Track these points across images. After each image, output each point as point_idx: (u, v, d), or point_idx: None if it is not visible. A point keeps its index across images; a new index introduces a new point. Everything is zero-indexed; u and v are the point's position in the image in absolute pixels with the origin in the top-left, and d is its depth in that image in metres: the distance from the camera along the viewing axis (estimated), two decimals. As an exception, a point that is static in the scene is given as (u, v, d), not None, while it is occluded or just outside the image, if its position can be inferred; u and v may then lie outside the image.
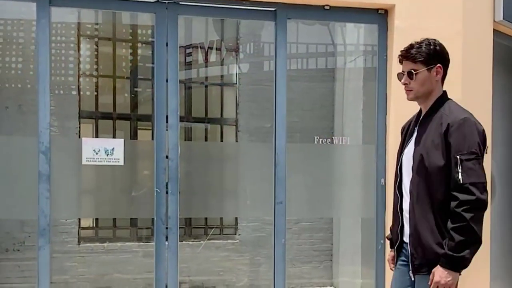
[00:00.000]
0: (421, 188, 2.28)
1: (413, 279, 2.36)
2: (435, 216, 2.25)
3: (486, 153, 2.39)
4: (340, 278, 5.57)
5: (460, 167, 2.16)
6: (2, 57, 5.01)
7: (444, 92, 2.44)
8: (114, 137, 5.39)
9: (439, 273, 2.20)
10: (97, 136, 5.38)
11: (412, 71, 2.35)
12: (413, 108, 3.52)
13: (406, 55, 2.38)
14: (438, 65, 2.37)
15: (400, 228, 2.45)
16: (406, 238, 2.41)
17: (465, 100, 3.47)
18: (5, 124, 4.88)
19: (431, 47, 2.36)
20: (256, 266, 5.65)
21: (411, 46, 2.38)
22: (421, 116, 2.44)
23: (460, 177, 2.16)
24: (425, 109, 2.42)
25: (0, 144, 3.70)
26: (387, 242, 3.61)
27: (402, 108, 3.55)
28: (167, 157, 3.43)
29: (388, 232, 2.75)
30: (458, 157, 2.18)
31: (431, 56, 2.35)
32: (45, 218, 3.30)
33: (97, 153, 3.44)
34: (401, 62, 2.44)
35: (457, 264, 2.18)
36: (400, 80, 2.43)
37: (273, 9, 3.47)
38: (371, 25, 3.74)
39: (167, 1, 3.37)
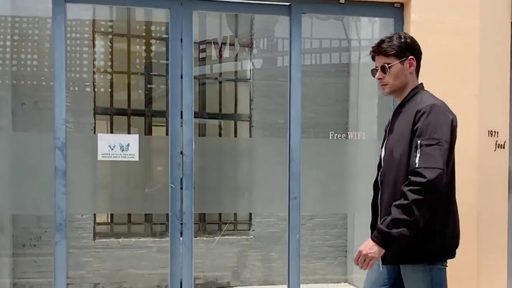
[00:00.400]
0: (389, 177, 2.27)
1: (381, 269, 2.34)
2: None
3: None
4: (355, 275, 5.55)
5: (419, 152, 2.12)
6: (18, 54, 5.06)
7: (420, 84, 2.42)
8: (128, 133, 5.42)
9: (365, 243, 2.19)
10: (111, 132, 5.41)
11: (385, 65, 2.33)
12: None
13: (378, 49, 2.36)
14: (411, 57, 2.35)
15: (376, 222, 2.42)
16: None
17: (483, 94, 3.44)
18: (22, 121, 4.94)
19: (402, 40, 2.35)
20: (270, 262, 5.65)
21: (382, 41, 2.36)
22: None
23: (417, 161, 2.11)
24: (399, 102, 2.41)
25: (17, 140, 3.74)
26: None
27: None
28: (181, 153, 3.44)
29: None
30: (418, 141, 2.14)
31: (402, 49, 2.33)
32: (61, 213, 3.32)
33: (112, 149, 3.46)
34: (373, 58, 2.41)
35: (383, 238, 2.13)
36: (374, 76, 2.40)
37: (288, 3, 3.44)
38: (386, 19, 3.71)
39: (181, -3, 3.38)
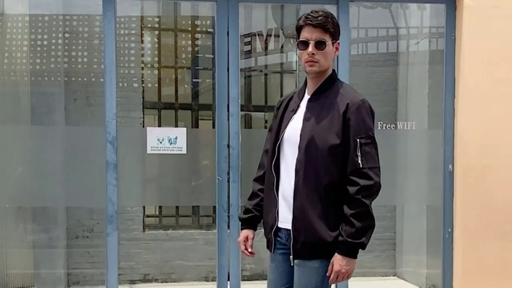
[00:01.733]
0: (309, 167, 2.11)
1: (292, 264, 2.18)
2: (322, 198, 2.10)
3: None
4: (404, 268, 5.44)
5: (359, 151, 2.05)
6: (69, 51, 5.19)
7: (334, 70, 2.26)
8: (176, 127, 5.48)
9: (339, 262, 2.06)
10: (159, 126, 5.49)
11: (324, 41, 2.11)
12: (483, 88, 3.39)
13: (317, 22, 2.10)
14: (338, 41, 2.19)
15: (277, 211, 2.21)
16: (283, 223, 2.19)
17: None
18: (74, 116, 5.07)
19: (335, 20, 2.16)
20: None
21: (317, 14, 2.12)
22: (312, 92, 2.21)
23: (359, 161, 2.05)
24: (315, 86, 2.20)
25: (70, 135, 3.86)
26: (455, 230, 3.52)
27: (472, 90, 3.43)
28: (228, 145, 3.46)
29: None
30: (358, 140, 2.06)
31: (336, 30, 2.16)
32: (113, 205, 3.41)
33: (161, 142, 3.52)
34: (300, 29, 2.16)
35: (356, 250, 2.08)
36: (302, 49, 2.14)
37: (335, -8, 3.40)
38: (437, 5, 3.61)
39: (228, -11, 3.38)
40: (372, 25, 5.36)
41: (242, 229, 2.36)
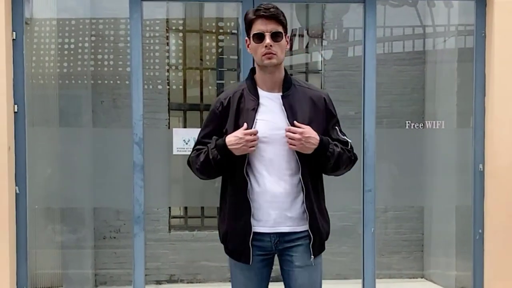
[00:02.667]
0: (311, 165, 2.09)
1: (313, 264, 2.16)
2: (321, 193, 2.18)
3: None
4: (432, 270, 5.36)
5: (341, 135, 2.19)
6: (95, 55, 5.25)
7: None
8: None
9: (315, 135, 2.05)
10: (184, 127, 5.52)
11: (281, 32, 2.07)
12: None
13: (270, 13, 2.04)
14: (288, 35, 2.14)
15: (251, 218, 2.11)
16: (273, 227, 2.12)
17: None
18: (101, 118, 5.13)
19: (283, 13, 2.12)
20: (343, 255, 5.55)
21: (268, 6, 2.07)
22: (273, 87, 2.13)
23: (347, 140, 2.20)
24: (274, 80, 2.12)
25: (97, 136, 3.91)
26: (486, 231, 3.45)
27: (503, 88, 3.36)
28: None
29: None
30: (336, 128, 2.18)
31: (286, 22, 2.11)
32: (140, 206, 3.42)
33: (187, 143, 3.53)
34: (251, 23, 2.08)
35: (324, 149, 2.07)
36: (258, 42, 2.06)
37: (361, -10, 3.37)
38: (465, 2, 3.55)
39: (253, -10, 3.37)
40: (398, 24, 5.30)
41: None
